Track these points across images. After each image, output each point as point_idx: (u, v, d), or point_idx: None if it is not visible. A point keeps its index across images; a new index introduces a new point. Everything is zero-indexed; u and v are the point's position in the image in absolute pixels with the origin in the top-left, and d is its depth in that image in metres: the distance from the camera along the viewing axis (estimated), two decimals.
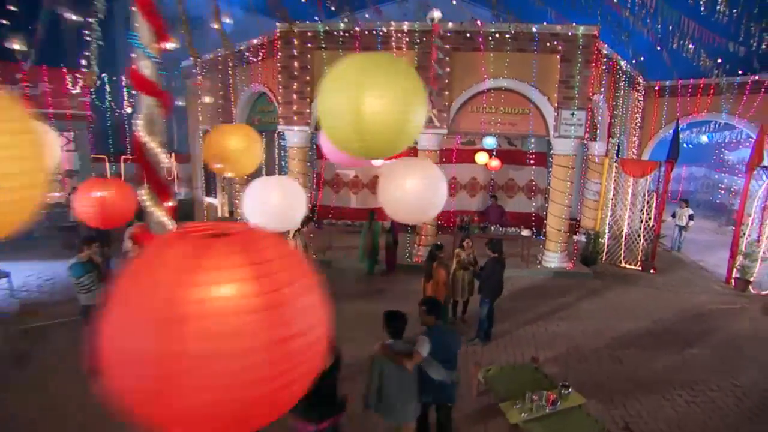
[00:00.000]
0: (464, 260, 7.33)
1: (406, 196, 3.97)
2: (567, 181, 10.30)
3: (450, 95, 10.26)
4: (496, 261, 6.79)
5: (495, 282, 6.77)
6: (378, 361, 3.73)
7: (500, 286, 6.89)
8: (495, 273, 6.72)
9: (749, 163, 10.11)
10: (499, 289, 6.92)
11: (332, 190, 14.34)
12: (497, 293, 6.91)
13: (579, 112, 9.94)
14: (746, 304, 9.16)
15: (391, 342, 3.78)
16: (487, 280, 6.77)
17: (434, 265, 6.69)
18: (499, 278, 6.81)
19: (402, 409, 3.74)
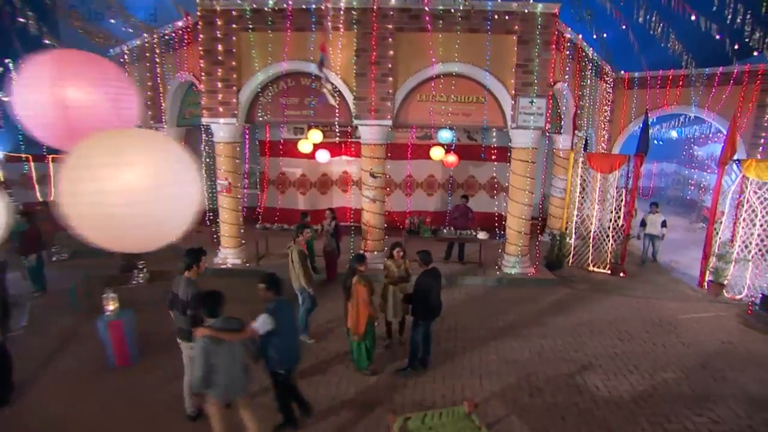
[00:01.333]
0: (394, 273, 6.11)
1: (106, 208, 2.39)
2: (527, 177, 9.19)
3: (394, 82, 9.03)
4: (428, 275, 5.58)
5: (430, 300, 5.56)
6: (203, 344, 3.71)
7: (437, 304, 5.69)
8: (429, 289, 5.51)
9: (721, 157, 9.19)
10: (437, 308, 5.72)
11: (278, 190, 12.98)
12: (434, 313, 5.71)
13: (539, 99, 8.84)
14: (721, 311, 8.21)
15: (212, 322, 3.84)
16: (419, 299, 5.55)
17: (353, 281, 5.45)
18: (435, 295, 5.61)
19: (239, 382, 3.92)
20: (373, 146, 9.36)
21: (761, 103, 13.36)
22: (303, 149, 11.31)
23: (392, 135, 12.33)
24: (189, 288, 4.55)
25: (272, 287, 4.26)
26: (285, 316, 4.27)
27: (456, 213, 10.11)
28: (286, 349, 4.27)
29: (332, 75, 9.13)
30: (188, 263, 4.66)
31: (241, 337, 3.91)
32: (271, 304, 4.20)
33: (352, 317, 5.50)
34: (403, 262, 6.33)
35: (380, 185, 9.52)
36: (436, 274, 5.67)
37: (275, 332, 4.14)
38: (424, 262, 5.62)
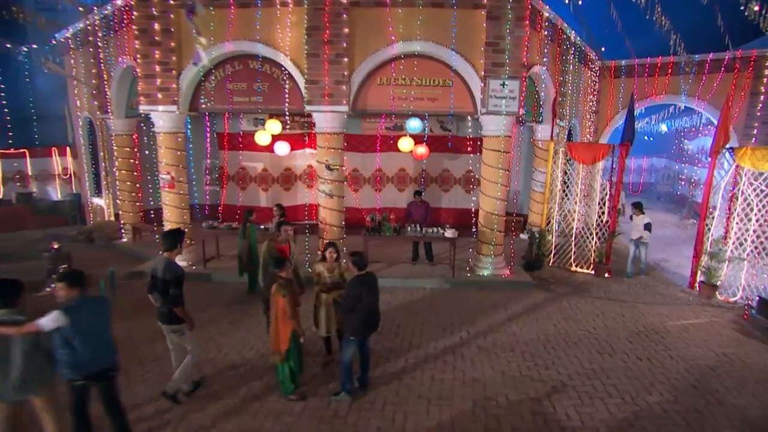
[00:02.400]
0: (326, 279, 5.11)
1: None
2: (499, 169, 8.21)
3: (350, 63, 8.02)
4: (359, 282, 4.59)
5: (362, 311, 4.55)
6: None
7: (372, 316, 4.69)
8: (358, 299, 4.50)
9: (714, 145, 8.24)
10: (371, 322, 4.73)
11: (238, 186, 11.94)
12: (368, 328, 4.71)
13: (511, 82, 7.85)
14: (714, 317, 7.26)
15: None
16: (348, 310, 4.54)
17: (272, 291, 4.44)
18: (369, 306, 4.60)
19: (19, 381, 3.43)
20: (329, 135, 8.35)
21: (754, 91, 12.47)
22: (261, 141, 10.29)
23: (360, 126, 11.34)
24: (169, 270, 4.43)
25: (74, 285, 3.64)
26: (89, 315, 3.65)
27: (418, 210, 9.09)
28: (85, 354, 3.57)
29: (281, 56, 8.12)
30: (169, 245, 4.55)
31: (16, 332, 3.35)
32: (70, 301, 3.58)
33: (271, 334, 4.49)
34: (337, 265, 5.32)
35: (337, 178, 8.51)
36: (370, 280, 4.68)
37: (74, 333, 3.50)
38: (357, 266, 4.62)
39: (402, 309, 7.25)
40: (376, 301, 4.71)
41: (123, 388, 4.30)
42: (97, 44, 10.36)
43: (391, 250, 9.74)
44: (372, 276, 4.72)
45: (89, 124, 12.23)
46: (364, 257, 4.71)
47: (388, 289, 8.06)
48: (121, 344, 5.64)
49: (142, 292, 4.81)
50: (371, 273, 4.75)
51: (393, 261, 9.27)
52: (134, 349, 5.74)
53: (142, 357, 5.58)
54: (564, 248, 9.88)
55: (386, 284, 8.21)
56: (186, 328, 4.59)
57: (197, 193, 12.46)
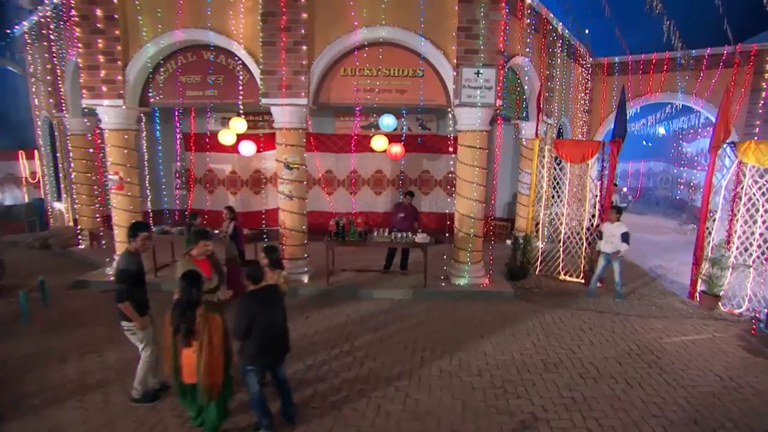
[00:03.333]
0: None
1: None
2: (475, 167, 7.35)
3: (309, 51, 7.23)
4: (254, 298, 3.72)
5: (258, 335, 3.66)
6: None
7: (272, 342, 3.80)
8: (253, 319, 3.63)
9: (713, 140, 7.37)
10: (274, 349, 3.84)
11: (205, 190, 11.13)
12: (270, 355, 3.83)
13: (486, 70, 7.04)
14: (717, 332, 6.33)
15: None
16: (240, 335, 3.65)
17: (197, 315, 3.57)
18: (266, 328, 3.70)
19: None
20: (287, 131, 7.53)
21: (755, 87, 11.65)
22: (224, 141, 9.47)
23: (333, 124, 10.54)
24: (123, 260, 4.28)
25: None
26: None
27: (399, 213, 8.24)
28: None
29: (234, 45, 7.35)
30: (128, 235, 4.42)
31: None
32: None
33: (205, 370, 3.55)
34: (276, 274, 4.48)
35: (298, 178, 7.67)
36: (268, 296, 3.79)
37: None
38: (251, 278, 3.75)
39: (361, 323, 6.35)
40: (279, 322, 3.82)
41: None
42: (50, 38, 9.63)
43: (367, 257, 8.88)
44: (270, 291, 3.85)
45: (49, 125, 11.48)
46: (259, 268, 3.83)
47: (351, 300, 7.20)
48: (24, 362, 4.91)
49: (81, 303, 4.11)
50: (271, 286, 3.89)
51: (364, 269, 8.40)
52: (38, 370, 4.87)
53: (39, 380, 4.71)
54: (552, 255, 8.99)
55: (351, 295, 7.37)
56: (137, 327, 4.23)
57: (167, 198, 11.66)
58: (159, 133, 11.02)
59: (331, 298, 7.33)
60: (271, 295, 3.86)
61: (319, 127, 10.49)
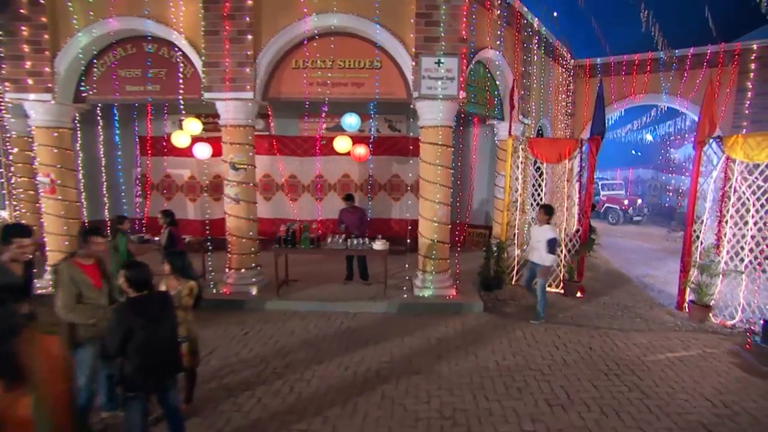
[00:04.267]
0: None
1: None
2: (438, 166, 6.63)
3: (255, 41, 6.56)
4: (132, 309, 2.96)
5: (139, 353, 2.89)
6: None
7: (156, 360, 3.01)
8: (131, 333, 2.85)
9: (698, 134, 6.71)
10: (159, 369, 3.05)
11: (163, 196, 10.35)
12: (154, 377, 3.04)
13: (448, 59, 6.37)
14: (708, 347, 5.56)
15: None
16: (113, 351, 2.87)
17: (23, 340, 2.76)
18: (148, 344, 2.92)
19: None
20: (233, 128, 6.82)
21: (741, 87, 11.08)
22: (178, 143, 8.77)
23: (296, 126, 9.85)
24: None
25: None
26: None
27: (351, 217, 7.50)
28: None
29: (174, 34, 6.67)
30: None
31: None
32: None
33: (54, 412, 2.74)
34: (182, 284, 3.74)
35: (245, 180, 6.93)
36: (153, 305, 3.02)
37: None
38: (132, 283, 2.97)
39: (304, 341, 5.54)
40: (165, 337, 3.03)
41: None
42: None
43: (326, 268, 8.11)
44: (157, 299, 3.08)
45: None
46: (144, 270, 3.05)
47: (300, 315, 6.40)
48: None
49: None
50: (159, 294, 3.13)
51: (322, 279, 7.62)
52: None
53: None
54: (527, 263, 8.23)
55: (301, 309, 6.59)
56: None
57: (127, 206, 10.82)
58: (119, 138, 10.31)
59: (278, 311, 6.52)
60: (157, 305, 3.09)
61: (282, 129, 9.79)
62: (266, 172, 9.93)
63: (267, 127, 9.78)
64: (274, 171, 9.87)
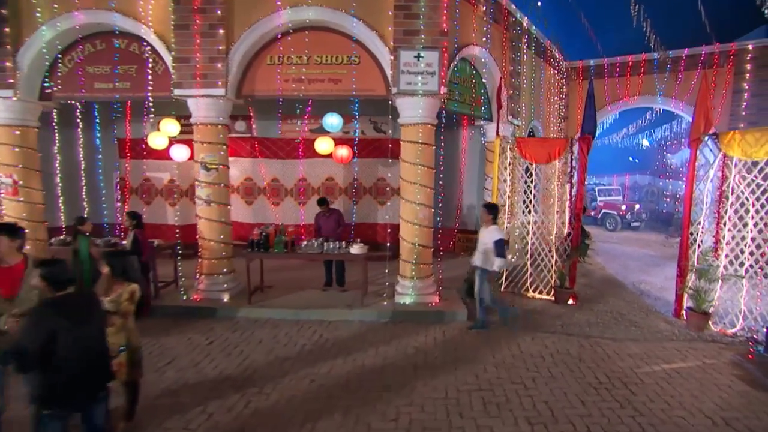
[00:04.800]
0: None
1: None
2: (418, 165, 6.26)
3: (227, 36, 6.24)
4: (51, 310, 2.58)
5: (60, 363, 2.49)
6: None
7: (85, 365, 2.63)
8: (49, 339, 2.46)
9: (692, 132, 6.35)
10: (84, 381, 2.65)
11: (141, 200, 9.97)
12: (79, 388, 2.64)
13: (428, 53, 6.04)
14: (707, 357, 5.12)
15: None
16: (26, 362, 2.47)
17: None
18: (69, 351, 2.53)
19: None
20: (205, 127, 6.46)
21: (736, 89, 10.74)
22: (155, 145, 8.42)
23: (278, 127, 9.50)
24: None
25: None
26: None
27: (327, 222, 7.13)
28: None
29: (143, 28, 6.36)
30: None
31: None
32: None
33: None
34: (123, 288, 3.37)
35: (216, 180, 6.55)
36: (77, 306, 2.65)
37: None
38: (50, 281, 2.59)
39: (271, 352, 5.11)
40: (93, 344, 2.64)
41: None
42: None
43: (307, 274, 7.71)
44: (81, 300, 2.70)
45: None
46: (63, 267, 2.66)
47: (273, 323, 5.99)
48: None
49: None
50: (84, 294, 2.77)
51: (301, 286, 7.21)
52: None
53: None
54: (520, 269, 7.82)
55: (274, 317, 6.18)
56: None
57: (107, 211, 10.45)
58: (99, 141, 9.99)
59: (249, 320, 6.10)
60: (83, 305, 2.70)
61: (264, 131, 9.45)
62: (248, 175, 9.56)
63: (248, 129, 9.45)
64: (255, 174, 9.50)
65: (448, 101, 7.07)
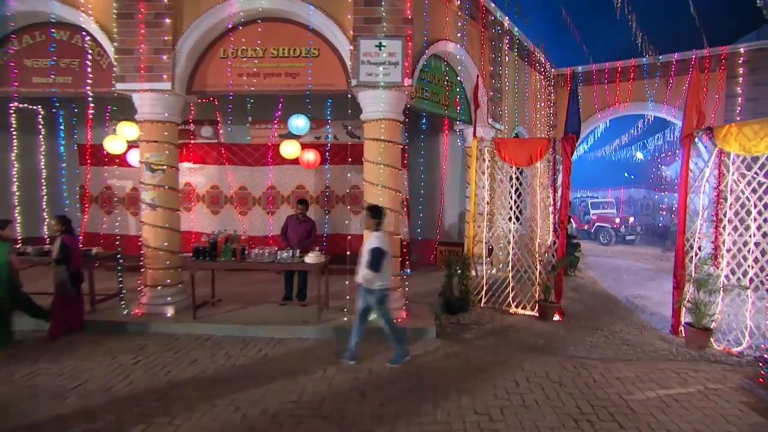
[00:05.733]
0: None
1: None
2: (381, 165, 5.61)
3: (174, 26, 5.70)
4: None
5: None
6: None
7: None
8: None
9: (685, 127, 5.72)
10: None
11: (102, 210, 9.30)
12: None
13: (391, 41, 5.47)
14: (711, 381, 4.35)
15: None
16: None
17: None
18: None
19: None
20: (151, 124, 5.86)
21: (729, 93, 10.22)
22: (111, 149, 7.85)
23: (247, 133, 8.91)
24: None
25: None
26: None
27: (299, 229, 6.43)
28: None
29: (82, 16, 5.83)
30: None
31: None
32: None
33: None
34: None
35: (162, 183, 5.90)
36: None
37: None
38: None
39: (202, 373, 4.35)
40: None
41: None
42: None
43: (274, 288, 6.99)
44: None
45: None
46: None
47: (216, 340, 5.25)
48: None
49: None
50: None
51: (258, 300, 6.49)
52: None
53: None
54: (501, 282, 7.09)
55: (219, 333, 5.45)
56: None
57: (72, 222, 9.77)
58: (63, 148, 9.42)
59: (191, 336, 5.35)
60: None
61: (232, 136, 8.86)
62: (214, 183, 8.92)
63: (215, 134, 8.86)
64: (222, 182, 8.86)
65: (417, 99, 6.49)
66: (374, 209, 4.74)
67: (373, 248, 4.38)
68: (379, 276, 4.41)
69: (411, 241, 9.19)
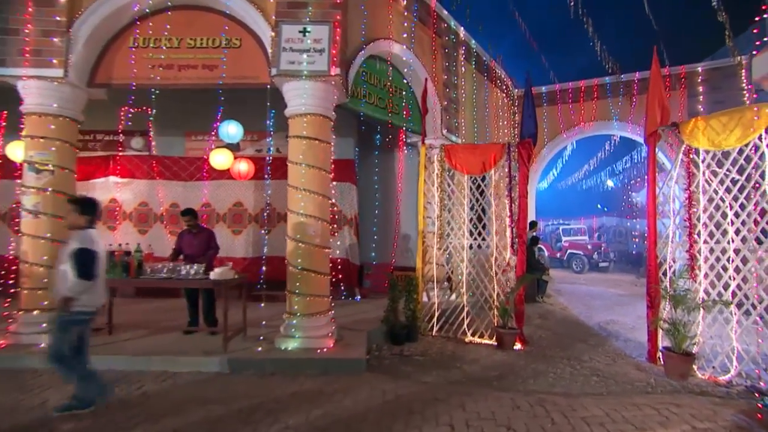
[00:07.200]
0: None
1: None
2: (303, 166, 4.79)
3: (69, 5, 4.93)
4: None
5: None
6: None
7: None
8: None
9: (648, 125, 5.12)
10: None
11: (10, 229, 8.08)
12: None
13: (317, 27, 4.80)
14: (697, 419, 3.41)
15: None
16: None
17: None
18: None
19: None
20: (37, 117, 4.94)
21: (692, 112, 9.95)
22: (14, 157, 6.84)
23: (182, 144, 8.06)
24: None
25: None
26: None
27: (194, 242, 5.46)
28: None
29: None
30: None
31: None
32: None
33: None
34: None
35: (46, 186, 4.91)
36: None
37: None
38: None
39: (54, 417, 3.21)
40: None
41: None
42: None
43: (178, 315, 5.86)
44: None
45: None
46: None
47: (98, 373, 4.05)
48: None
49: None
50: None
51: (164, 326, 5.38)
52: None
53: None
54: (457, 308, 6.14)
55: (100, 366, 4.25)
56: None
57: None
58: None
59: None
60: None
61: (165, 148, 7.98)
62: (143, 199, 7.90)
63: (147, 146, 7.97)
64: (152, 199, 7.86)
65: (354, 99, 5.77)
66: (84, 201, 3.47)
67: (77, 249, 3.13)
68: (91, 292, 3.22)
69: (364, 266, 8.25)
